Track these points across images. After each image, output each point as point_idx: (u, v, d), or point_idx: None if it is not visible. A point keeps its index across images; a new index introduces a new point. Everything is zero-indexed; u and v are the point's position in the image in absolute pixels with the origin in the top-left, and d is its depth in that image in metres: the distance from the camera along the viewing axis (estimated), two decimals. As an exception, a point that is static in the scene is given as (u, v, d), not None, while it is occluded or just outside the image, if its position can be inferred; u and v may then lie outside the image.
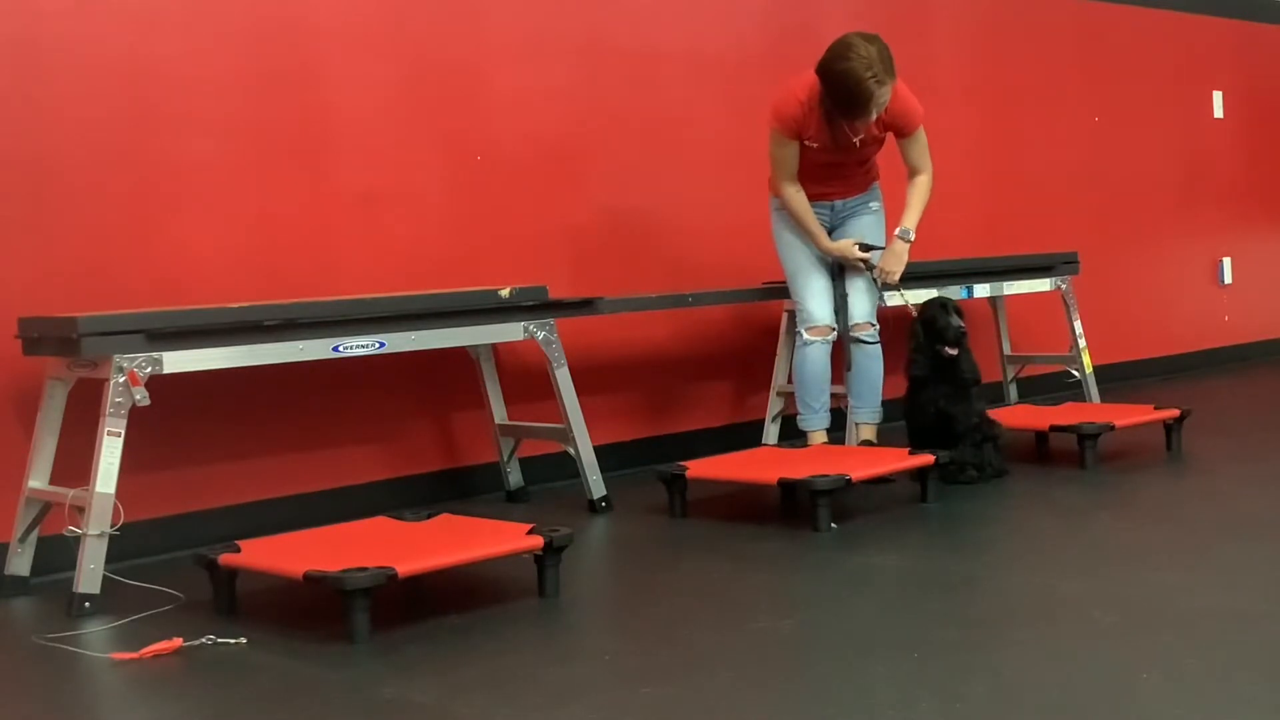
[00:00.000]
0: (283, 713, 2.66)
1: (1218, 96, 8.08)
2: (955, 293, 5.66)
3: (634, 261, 5.31)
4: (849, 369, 4.83)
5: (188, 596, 3.53)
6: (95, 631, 3.30)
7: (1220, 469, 4.82)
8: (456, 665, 2.91)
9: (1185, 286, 7.87)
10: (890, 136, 4.79)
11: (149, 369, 3.60)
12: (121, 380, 3.55)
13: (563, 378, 4.50)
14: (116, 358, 3.55)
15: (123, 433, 3.56)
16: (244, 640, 3.10)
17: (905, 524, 4.13)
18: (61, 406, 3.78)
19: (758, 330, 5.70)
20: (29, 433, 3.84)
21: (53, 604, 3.61)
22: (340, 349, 3.99)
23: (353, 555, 3.20)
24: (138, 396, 3.56)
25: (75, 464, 3.71)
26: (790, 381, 5.46)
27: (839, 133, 4.61)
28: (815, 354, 4.78)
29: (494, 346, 4.70)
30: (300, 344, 3.91)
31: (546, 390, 4.59)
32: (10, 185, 3.93)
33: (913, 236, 4.86)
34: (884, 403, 4.92)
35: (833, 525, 4.02)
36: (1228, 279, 8.10)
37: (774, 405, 5.40)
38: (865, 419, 4.89)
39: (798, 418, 4.85)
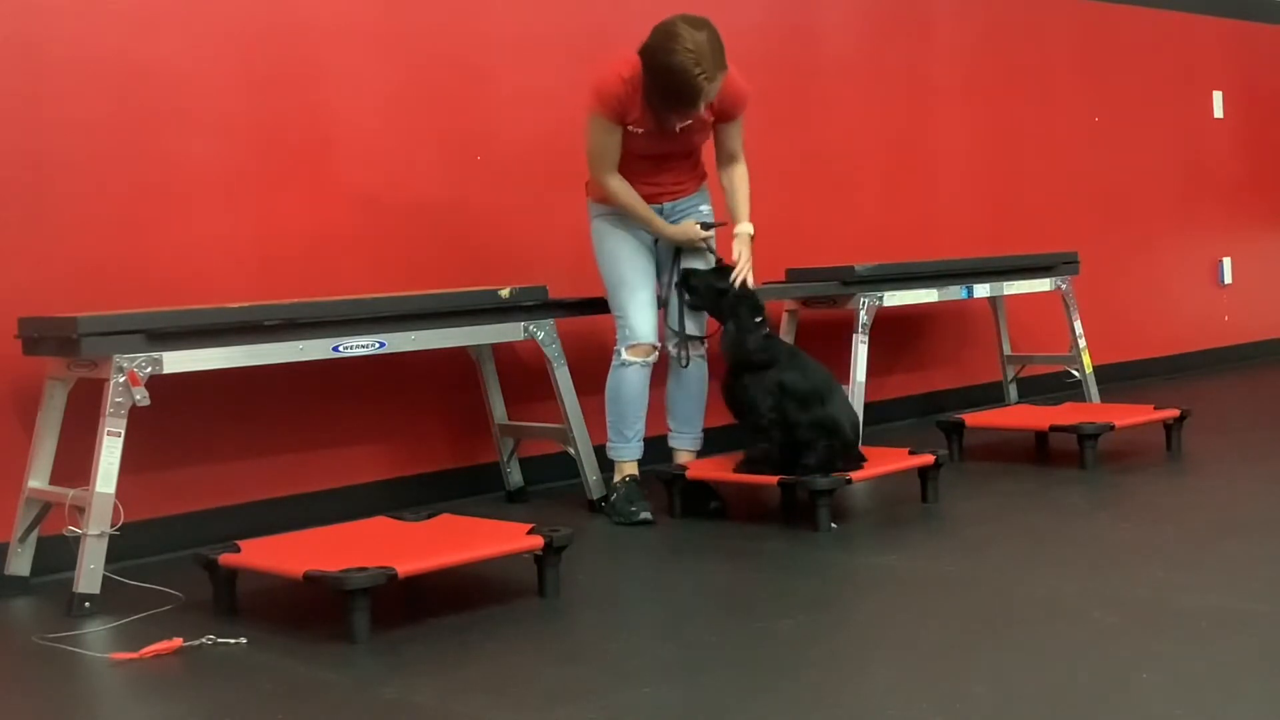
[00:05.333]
0: (283, 713, 2.66)
1: (1218, 96, 8.08)
2: (955, 293, 5.67)
3: (634, 261, 5.30)
4: (673, 386, 4.49)
5: (188, 596, 3.53)
6: (95, 631, 3.30)
7: (1220, 469, 4.82)
8: (456, 665, 2.91)
9: (1185, 286, 7.87)
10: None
11: (149, 369, 3.60)
12: (121, 380, 3.55)
13: (563, 378, 4.50)
14: (116, 358, 3.55)
15: (123, 433, 3.56)
16: (244, 640, 3.10)
17: (905, 524, 4.13)
18: (61, 406, 3.78)
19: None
20: (29, 433, 3.84)
21: (53, 604, 3.61)
22: (340, 349, 3.99)
23: (353, 555, 3.20)
24: (138, 396, 3.56)
25: (75, 464, 3.71)
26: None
27: (664, 117, 4.22)
28: (633, 377, 4.35)
29: (494, 346, 4.70)
30: (300, 344, 3.91)
31: (546, 390, 4.58)
32: (10, 185, 3.93)
33: (753, 231, 4.49)
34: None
35: (833, 525, 4.02)
36: (1228, 279, 8.10)
37: (774, 405, 5.40)
38: (687, 445, 4.54)
39: (607, 446, 4.44)
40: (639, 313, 4.35)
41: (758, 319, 4.28)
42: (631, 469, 4.42)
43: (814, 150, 6.01)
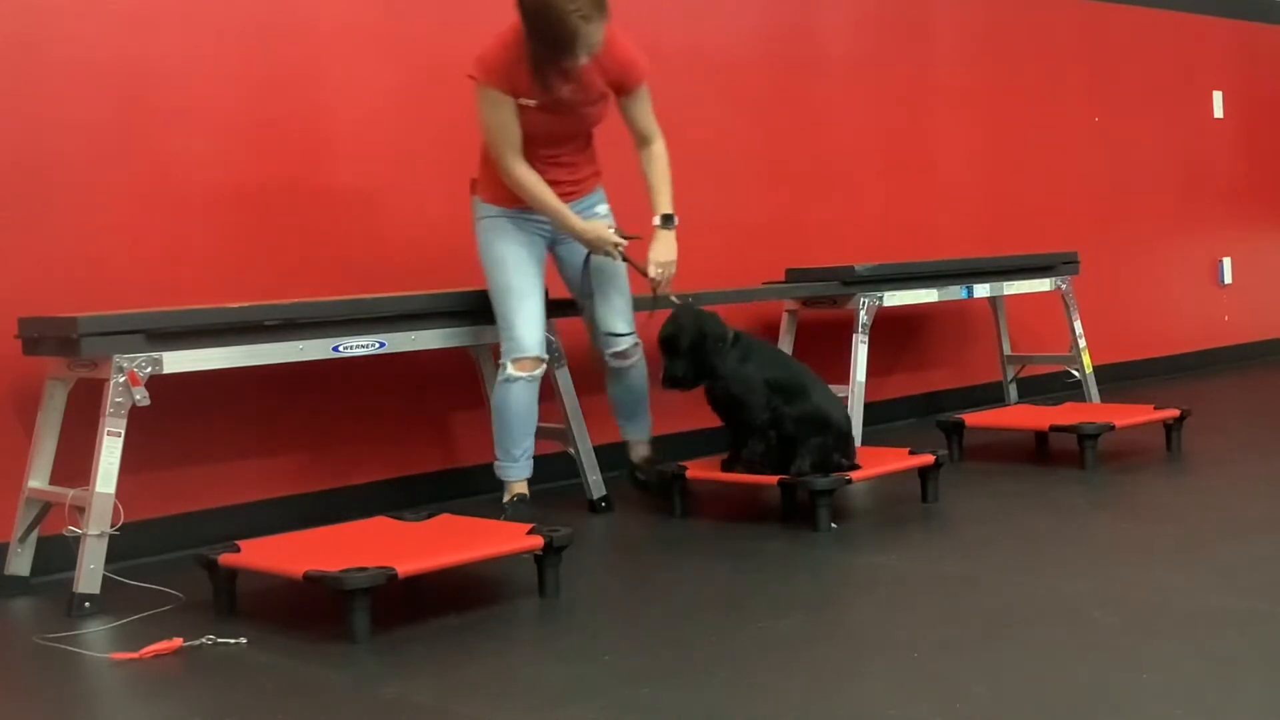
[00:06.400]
0: (283, 713, 2.66)
1: (1218, 96, 8.09)
2: (955, 293, 5.67)
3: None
4: (614, 387, 4.44)
5: (188, 596, 3.53)
6: (95, 631, 3.30)
7: (1220, 469, 4.82)
8: (456, 665, 2.91)
9: (1185, 286, 7.87)
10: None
11: (149, 369, 3.60)
12: (121, 380, 3.55)
13: (563, 378, 4.50)
14: (116, 358, 3.55)
15: (123, 433, 3.56)
16: (244, 640, 3.10)
17: (905, 524, 4.13)
18: (61, 406, 3.78)
19: (758, 330, 5.70)
20: (29, 433, 3.84)
21: (53, 604, 3.61)
22: (340, 349, 3.99)
23: (353, 555, 3.20)
24: (138, 396, 3.56)
25: (75, 464, 3.71)
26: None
27: (554, 87, 3.95)
28: (519, 393, 4.09)
29: (493, 346, 4.69)
30: (300, 344, 3.91)
31: (546, 390, 4.58)
32: (10, 185, 3.93)
33: (677, 220, 4.24)
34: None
35: (833, 525, 4.02)
36: (1228, 279, 8.10)
37: (774, 405, 5.40)
38: (639, 435, 4.52)
39: (495, 464, 4.22)
40: (526, 324, 4.09)
41: (731, 334, 4.22)
42: (520, 489, 4.21)
43: (814, 150, 6.01)
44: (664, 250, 4.21)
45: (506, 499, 4.23)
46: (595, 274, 4.32)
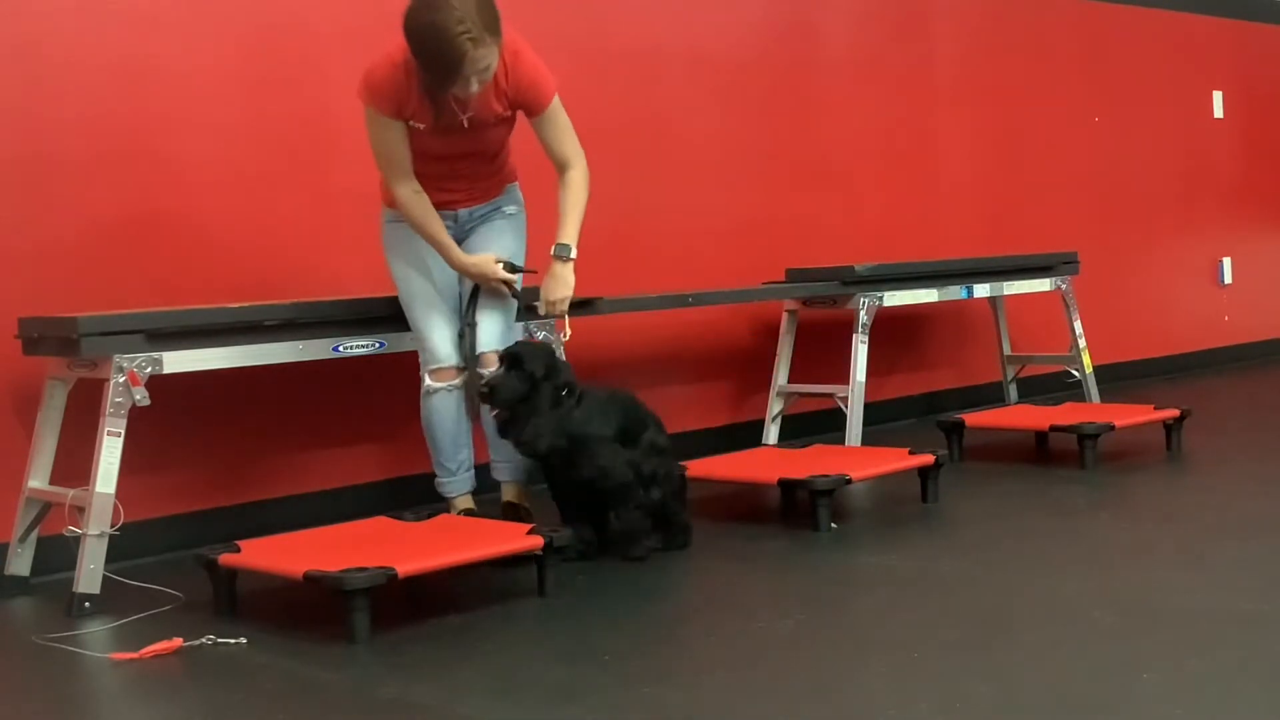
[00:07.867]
0: (283, 713, 2.66)
1: (1218, 96, 8.09)
2: (955, 293, 5.67)
3: (634, 261, 5.31)
4: (478, 416, 3.92)
5: (188, 596, 3.53)
6: (95, 631, 3.30)
7: (1220, 469, 4.82)
8: (456, 665, 2.91)
9: (1185, 286, 7.87)
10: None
11: (149, 369, 3.60)
12: (121, 380, 3.55)
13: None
14: (116, 358, 3.55)
15: (123, 433, 3.56)
16: (244, 640, 3.10)
17: (905, 524, 4.13)
18: (61, 406, 3.78)
19: (758, 330, 5.71)
20: (29, 433, 3.84)
21: (53, 604, 3.61)
22: (340, 349, 3.99)
23: (353, 555, 3.20)
24: (138, 396, 3.56)
25: (75, 464, 3.72)
26: (789, 381, 5.46)
27: (446, 111, 3.71)
28: (442, 405, 3.87)
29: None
30: (300, 344, 3.91)
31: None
32: (10, 185, 3.93)
33: (574, 253, 3.91)
34: None
35: (833, 525, 4.02)
36: (1228, 279, 8.10)
37: (774, 405, 5.41)
38: (507, 476, 4.00)
39: (435, 481, 4.02)
40: (437, 332, 3.87)
41: (565, 390, 3.70)
42: (465, 503, 4.00)
43: (814, 150, 6.01)
44: (556, 287, 3.91)
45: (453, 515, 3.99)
46: (482, 291, 3.94)
